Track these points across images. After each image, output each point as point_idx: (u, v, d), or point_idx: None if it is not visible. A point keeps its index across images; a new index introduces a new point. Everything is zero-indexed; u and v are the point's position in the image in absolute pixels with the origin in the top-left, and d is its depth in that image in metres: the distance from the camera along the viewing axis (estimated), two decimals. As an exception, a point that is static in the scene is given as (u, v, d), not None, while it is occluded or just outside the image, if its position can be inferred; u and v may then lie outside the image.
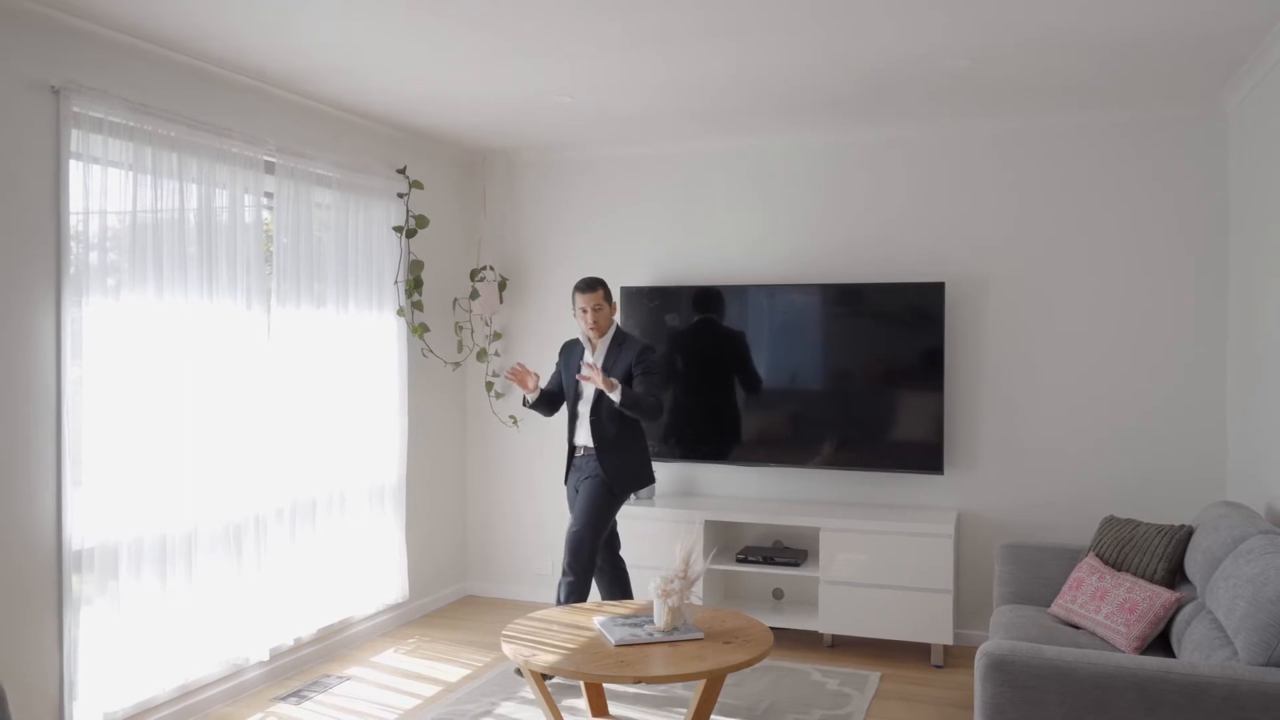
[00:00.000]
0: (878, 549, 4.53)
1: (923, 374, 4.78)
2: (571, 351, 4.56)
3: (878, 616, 4.53)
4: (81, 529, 3.42)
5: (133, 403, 3.56)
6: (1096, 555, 3.75)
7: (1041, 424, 4.75)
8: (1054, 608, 3.67)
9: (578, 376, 4.35)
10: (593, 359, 4.40)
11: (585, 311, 4.39)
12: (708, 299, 5.15)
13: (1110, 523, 3.85)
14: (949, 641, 4.45)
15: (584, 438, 4.43)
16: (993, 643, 2.72)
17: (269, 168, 4.20)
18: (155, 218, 3.62)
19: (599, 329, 4.40)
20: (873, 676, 4.34)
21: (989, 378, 4.83)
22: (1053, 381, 4.73)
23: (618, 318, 4.46)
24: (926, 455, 4.77)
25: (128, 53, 3.57)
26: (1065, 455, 4.71)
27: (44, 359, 3.31)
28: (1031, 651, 2.65)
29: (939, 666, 4.50)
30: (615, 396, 4.21)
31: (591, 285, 4.39)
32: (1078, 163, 4.68)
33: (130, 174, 3.54)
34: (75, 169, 3.38)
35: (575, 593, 4.31)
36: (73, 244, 3.38)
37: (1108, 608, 3.43)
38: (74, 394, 3.38)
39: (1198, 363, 4.51)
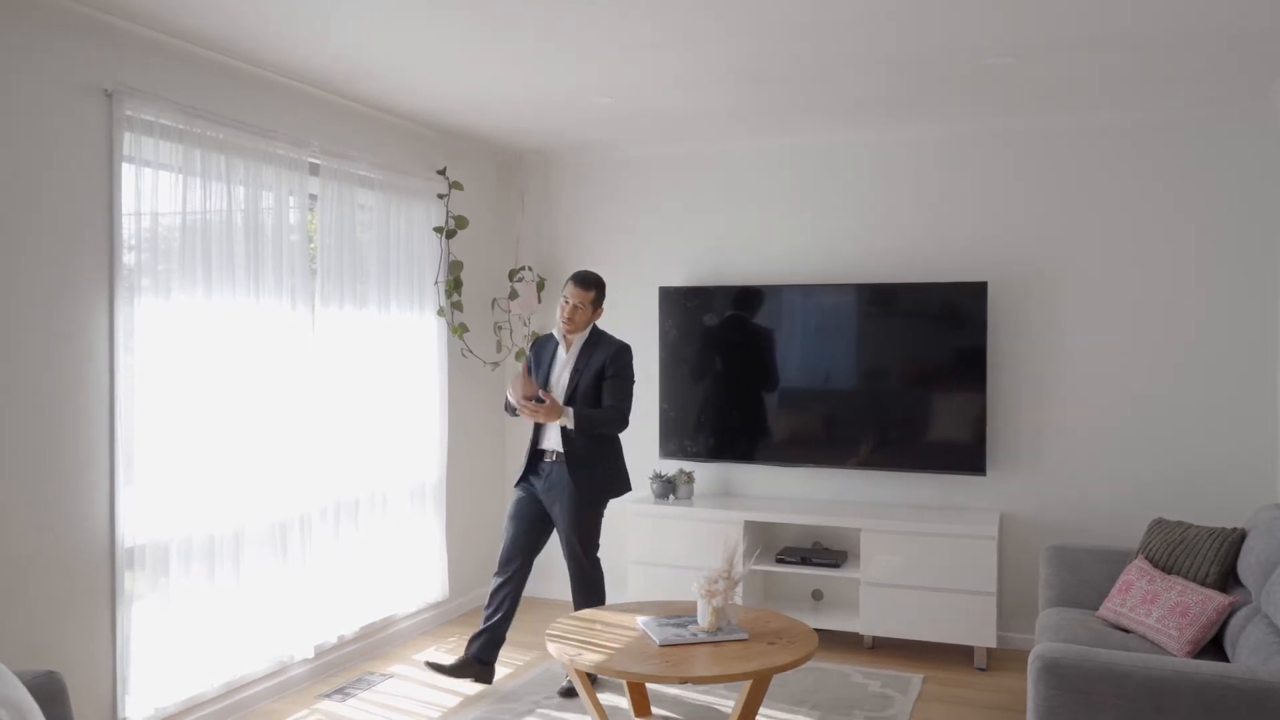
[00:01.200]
0: (920, 550, 4.50)
1: (964, 374, 4.74)
2: (545, 348, 4.29)
3: (920, 618, 4.50)
4: (133, 526, 3.47)
5: (182, 402, 3.61)
6: (1146, 558, 3.70)
7: (1086, 425, 4.69)
8: (1102, 611, 3.63)
9: (523, 413, 4.02)
10: (565, 355, 4.17)
11: (567, 303, 4.13)
12: (746, 299, 5.14)
13: (1159, 525, 3.80)
14: (992, 644, 4.41)
15: (553, 441, 4.12)
16: (1046, 645, 2.69)
17: (313, 169, 4.24)
18: (204, 219, 3.67)
19: (573, 326, 4.14)
20: (915, 679, 4.31)
21: (1032, 378, 4.78)
22: (1098, 382, 4.68)
23: (600, 322, 4.26)
24: (968, 456, 4.73)
25: (177, 56, 3.62)
26: (1111, 457, 4.65)
27: (97, 358, 3.36)
28: (1086, 654, 2.62)
29: (982, 669, 4.46)
30: (567, 423, 4.01)
31: (586, 282, 4.15)
32: (1124, 161, 4.62)
33: (180, 176, 3.58)
34: (128, 171, 3.42)
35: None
36: (125, 245, 3.43)
37: (1159, 611, 3.38)
38: (126, 393, 3.43)
39: (1247, 363, 4.45)
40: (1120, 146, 4.62)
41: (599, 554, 4.25)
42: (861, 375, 4.98)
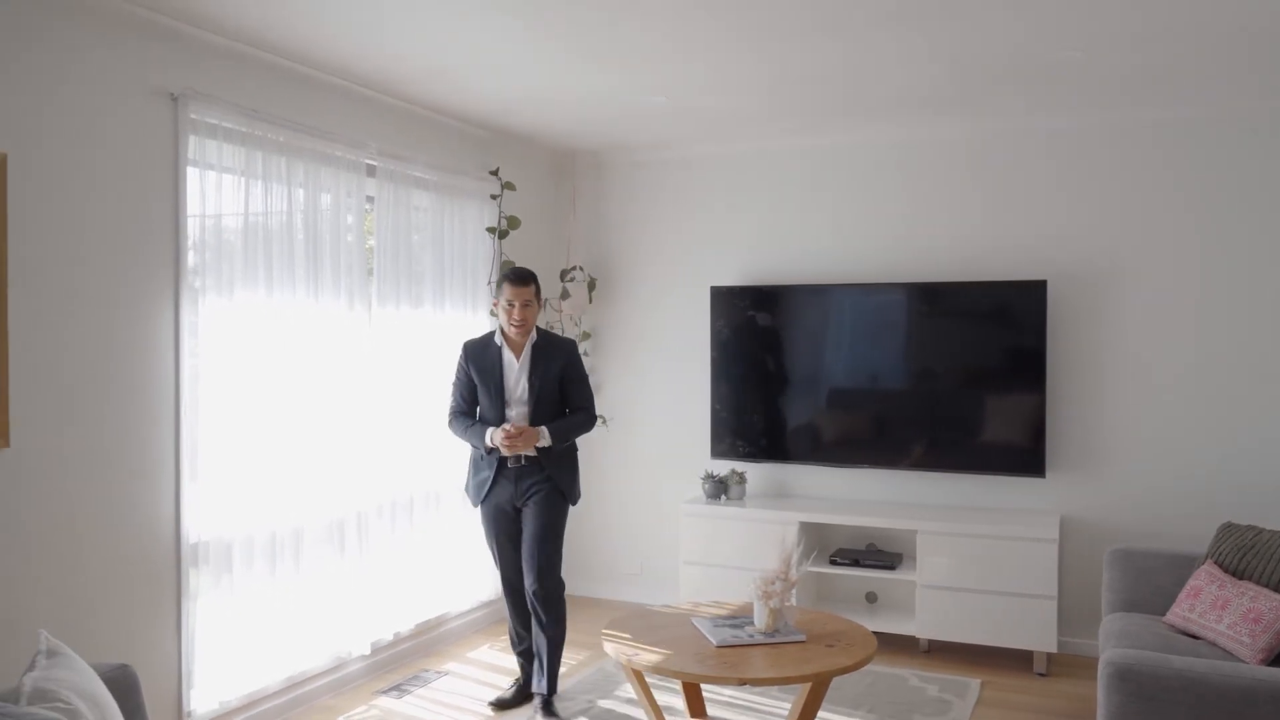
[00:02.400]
0: (978, 553, 4.43)
1: (1022, 373, 4.66)
2: (484, 354, 3.97)
3: (978, 622, 4.43)
4: (198, 523, 3.53)
5: (243, 400, 3.67)
6: (1215, 563, 3.61)
7: (1150, 427, 4.59)
8: (1170, 616, 3.54)
9: (495, 446, 3.84)
10: (517, 365, 3.92)
11: (513, 306, 3.87)
12: (799, 298, 5.10)
13: (1229, 529, 3.70)
14: (1053, 649, 4.33)
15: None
16: (1118, 651, 2.64)
17: (370, 171, 4.28)
18: (265, 220, 3.72)
19: (525, 327, 3.90)
20: (973, 683, 4.25)
21: (1093, 378, 4.69)
22: (1162, 383, 4.57)
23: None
24: (1026, 458, 4.65)
25: (239, 60, 3.67)
26: (1175, 459, 4.54)
27: (163, 357, 3.42)
28: (1159, 661, 2.56)
29: (1042, 674, 4.38)
30: (544, 443, 3.84)
31: (524, 278, 3.90)
32: (1189, 156, 4.51)
33: (242, 179, 3.64)
34: (192, 174, 3.48)
35: (555, 648, 3.95)
36: (189, 246, 3.49)
37: (1230, 617, 3.30)
38: (190, 392, 3.49)
39: (1319, 363, 4.32)
40: (1184, 142, 4.51)
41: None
42: (915, 375, 4.92)
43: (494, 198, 5.10)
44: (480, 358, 3.98)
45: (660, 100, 4.43)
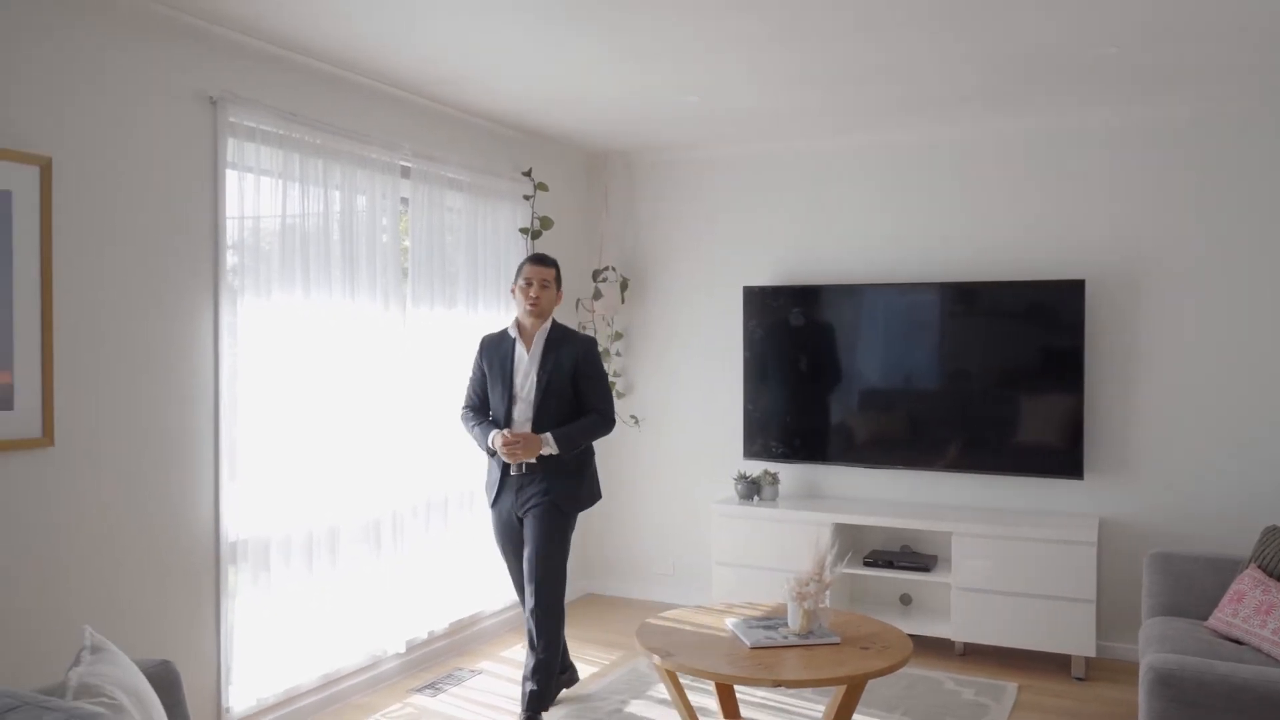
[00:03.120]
0: (1015, 556, 4.38)
1: (1059, 374, 4.61)
2: (497, 349, 3.84)
3: (1014, 625, 4.38)
4: (236, 522, 3.57)
5: (280, 400, 3.71)
6: (1259, 567, 3.55)
7: (1191, 428, 4.51)
8: (1212, 621, 3.48)
9: (501, 452, 3.69)
10: (528, 357, 3.77)
11: (530, 285, 3.73)
12: (831, 298, 5.07)
13: (1273, 533, 3.63)
14: (1091, 653, 4.28)
15: None
16: (1160, 656, 2.60)
17: (404, 172, 4.31)
18: (302, 222, 3.76)
19: (539, 311, 3.74)
20: (1010, 687, 4.20)
21: (1133, 379, 4.62)
22: (1203, 383, 4.50)
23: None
24: (1064, 459, 4.59)
25: (277, 63, 3.71)
26: (1217, 462, 4.47)
27: (202, 357, 3.47)
28: (1203, 667, 2.52)
29: (1080, 679, 4.32)
30: (549, 450, 3.66)
31: (544, 260, 3.81)
32: (1234, 153, 4.43)
33: (280, 181, 3.68)
34: (231, 177, 3.53)
35: (542, 670, 3.75)
36: (228, 247, 3.53)
37: (1275, 623, 3.24)
38: (229, 392, 3.54)
39: (1367, 363, 4.23)
40: (1227, 138, 4.44)
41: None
42: (950, 375, 4.87)
43: (527, 198, 5.12)
44: (494, 350, 3.85)
45: (693, 100, 4.43)
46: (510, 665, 4.54)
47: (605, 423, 3.83)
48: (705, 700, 3.86)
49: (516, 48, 3.72)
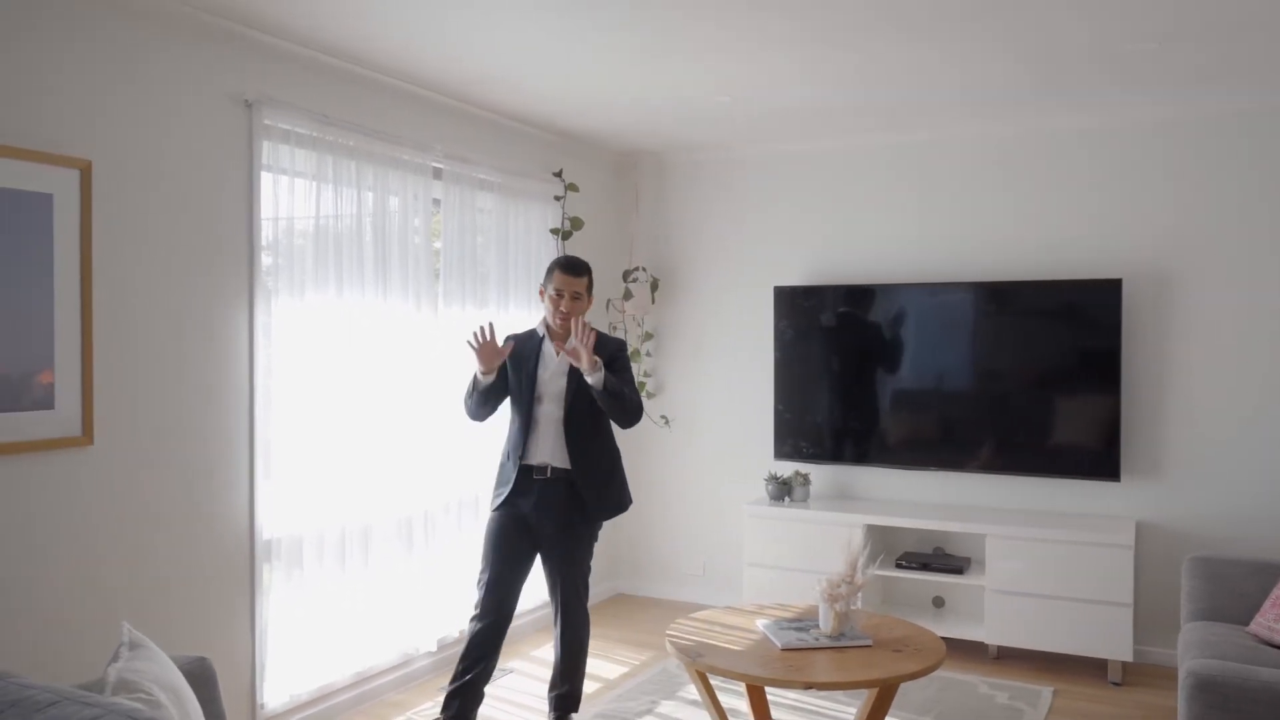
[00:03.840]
0: (1050, 558, 4.33)
1: (1095, 374, 4.54)
2: (525, 342, 3.60)
3: (1049, 629, 4.33)
4: (271, 520, 3.61)
5: (314, 399, 3.74)
6: (1302, 571, 3.48)
7: (1229, 429, 4.44)
8: (1254, 626, 3.42)
9: (564, 350, 3.43)
10: (556, 359, 3.53)
11: (562, 296, 3.49)
12: (862, 298, 5.04)
13: (1317, 536, 3.56)
14: (1128, 658, 4.21)
15: (548, 454, 3.49)
16: (1200, 661, 2.55)
17: (436, 174, 4.34)
18: (335, 223, 3.79)
19: (569, 328, 3.47)
20: (1045, 691, 4.15)
21: (1171, 380, 4.55)
22: (1241, 383, 4.41)
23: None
24: (1101, 461, 4.53)
25: (310, 66, 3.74)
26: (1255, 463, 4.38)
27: (238, 357, 3.51)
28: (1245, 673, 2.48)
29: (1117, 684, 4.26)
30: (596, 379, 3.37)
31: (577, 268, 3.54)
32: (1276, 149, 4.35)
33: (314, 183, 3.71)
34: (266, 179, 3.57)
35: (568, 680, 3.61)
36: (263, 249, 3.57)
37: (1319, 628, 3.17)
38: (263, 391, 3.57)
39: None
40: (1268, 133, 4.35)
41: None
42: (983, 376, 4.82)
43: (557, 199, 5.13)
44: (520, 345, 3.59)
45: (725, 100, 4.41)
46: (541, 664, 4.55)
47: (638, 407, 3.57)
48: (736, 701, 3.85)
49: (545, 49, 3.72)
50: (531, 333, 3.66)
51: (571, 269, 3.53)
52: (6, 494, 2.83)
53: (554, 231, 5.12)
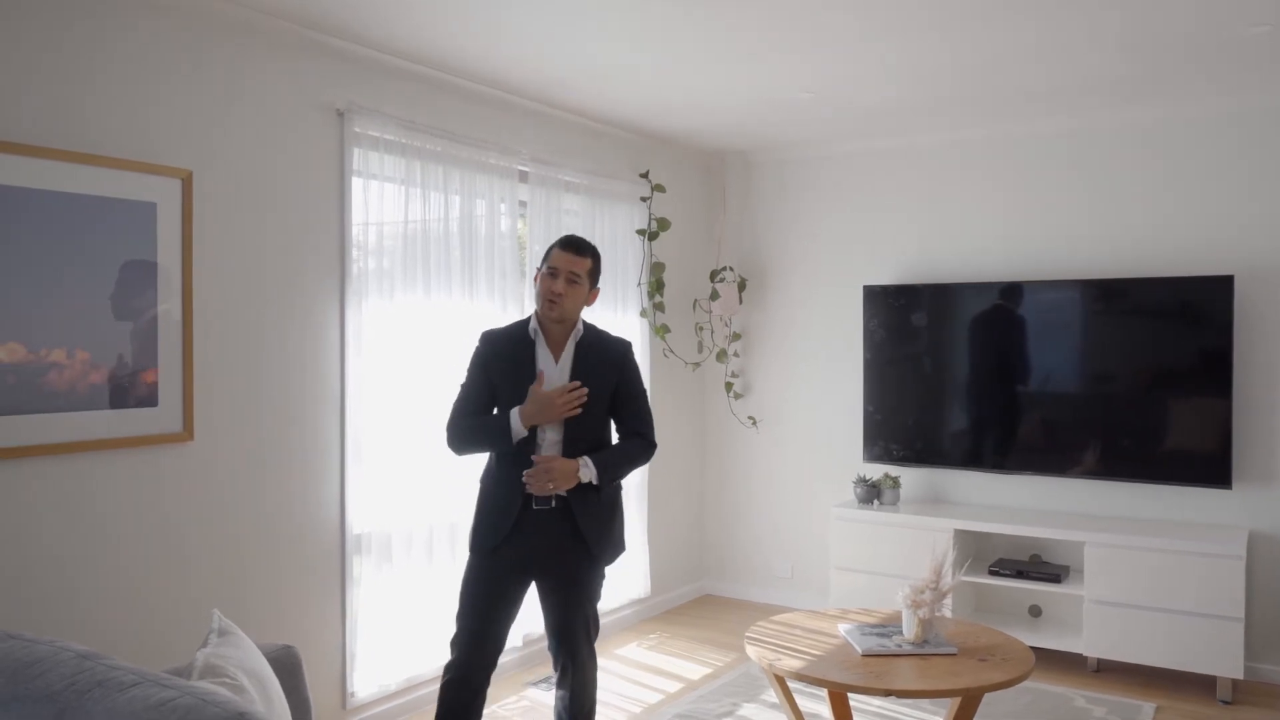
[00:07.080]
0: (1154, 568, 4.13)
1: (1205, 376, 4.32)
2: (511, 347, 3.00)
3: (1153, 642, 4.14)
4: (361, 514, 3.72)
5: (403, 398, 3.84)
6: None
7: (1355, 435, 4.16)
8: (1376, 646, 3.20)
9: (529, 482, 2.85)
10: (555, 368, 2.96)
11: (555, 276, 2.88)
12: (957, 297, 4.90)
13: None
14: (1239, 675, 3.99)
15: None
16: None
17: (522, 177, 4.40)
18: (423, 227, 3.89)
19: (559, 313, 2.91)
20: (1146, 708, 3.97)
21: (1288, 382, 4.29)
22: (1370, 386, 4.14)
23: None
24: (1210, 467, 4.30)
25: (398, 74, 3.85)
26: (1386, 471, 4.11)
27: (330, 356, 3.63)
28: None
29: (1226, 702, 4.05)
30: (589, 478, 2.87)
31: (580, 247, 2.97)
32: (1403, 135, 4.07)
33: (402, 188, 3.81)
34: (357, 185, 3.68)
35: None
36: (354, 252, 3.69)
37: None
38: (355, 389, 3.69)
39: None
40: (1399, 120, 4.07)
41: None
42: (1085, 377, 4.64)
43: (644, 200, 5.15)
44: (505, 351, 2.97)
45: (807, 96, 4.36)
46: (624, 663, 4.58)
47: (649, 448, 3.08)
48: (818, 706, 3.80)
49: (631, 51, 3.75)
50: (521, 330, 3.01)
51: (573, 246, 2.95)
52: (113, 486, 2.99)
53: (640, 232, 5.14)
